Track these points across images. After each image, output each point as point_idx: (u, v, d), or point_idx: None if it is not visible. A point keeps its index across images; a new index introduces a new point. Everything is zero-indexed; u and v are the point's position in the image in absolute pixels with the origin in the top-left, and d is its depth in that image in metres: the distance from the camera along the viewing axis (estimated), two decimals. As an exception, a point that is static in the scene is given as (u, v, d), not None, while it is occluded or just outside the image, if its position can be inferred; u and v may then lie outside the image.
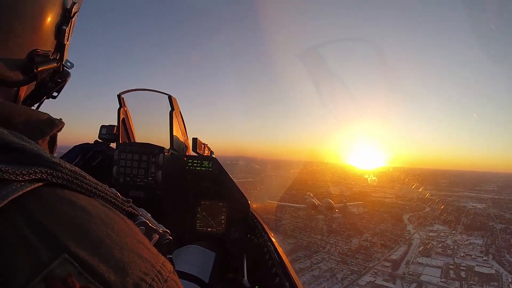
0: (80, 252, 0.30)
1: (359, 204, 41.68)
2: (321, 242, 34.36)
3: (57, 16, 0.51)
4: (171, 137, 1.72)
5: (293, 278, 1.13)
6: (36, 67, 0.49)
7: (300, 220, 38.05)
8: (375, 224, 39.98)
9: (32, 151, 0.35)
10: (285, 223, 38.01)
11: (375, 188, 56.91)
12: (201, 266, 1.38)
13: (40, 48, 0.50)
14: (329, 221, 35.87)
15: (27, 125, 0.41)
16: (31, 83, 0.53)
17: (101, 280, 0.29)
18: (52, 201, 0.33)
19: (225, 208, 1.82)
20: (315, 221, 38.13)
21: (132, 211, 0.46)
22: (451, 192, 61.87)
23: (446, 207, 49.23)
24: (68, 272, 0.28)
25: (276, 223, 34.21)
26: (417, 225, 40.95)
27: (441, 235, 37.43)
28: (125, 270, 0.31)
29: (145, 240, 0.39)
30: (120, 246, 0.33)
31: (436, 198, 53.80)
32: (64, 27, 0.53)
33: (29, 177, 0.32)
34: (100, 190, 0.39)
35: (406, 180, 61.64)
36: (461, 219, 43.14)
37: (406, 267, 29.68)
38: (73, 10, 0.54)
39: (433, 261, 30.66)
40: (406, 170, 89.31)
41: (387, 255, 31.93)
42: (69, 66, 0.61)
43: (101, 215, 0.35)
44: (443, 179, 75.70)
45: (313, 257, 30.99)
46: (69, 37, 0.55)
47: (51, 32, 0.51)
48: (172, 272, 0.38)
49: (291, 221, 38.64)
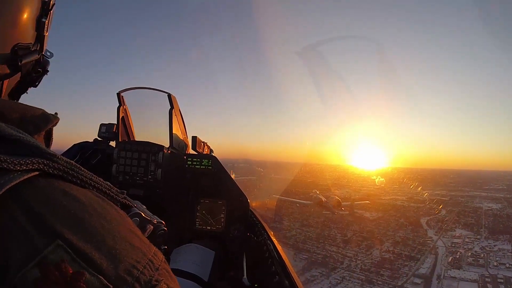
0: (74, 239, 0.30)
1: (366, 204, 38.50)
2: (338, 256, 29.63)
3: (36, 10, 0.53)
4: (170, 135, 1.73)
5: (292, 276, 1.13)
6: (20, 60, 0.51)
7: (312, 229, 33.47)
8: (393, 231, 35.82)
9: (29, 143, 0.36)
10: (295, 233, 33.19)
11: (383, 190, 53.16)
12: (200, 265, 1.37)
13: (22, 41, 0.51)
14: (339, 223, 31.74)
15: (22, 120, 0.42)
16: (16, 75, 0.54)
17: (93, 266, 0.30)
18: (48, 191, 0.34)
19: (225, 206, 1.80)
20: (328, 229, 33.72)
21: (126, 202, 0.47)
22: (461, 192, 58.67)
23: (462, 208, 45.89)
24: (61, 258, 0.29)
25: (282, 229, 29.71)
26: (438, 230, 37.21)
27: (466, 241, 33.77)
28: (117, 257, 0.32)
29: (137, 230, 0.40)
30: (112, 234, 0.34)
31: (448, 199, 50.84)
32: (44, 19, 0.55)
33: (26, 167, 0.33)
34: (95, 181, 0.40)
35: (413, 181, 58.57)
36: (482, 221, 39.79)
37: (439, 283, 25.51)
38: (51, 2, 0.56)
39: (466, 273, 26.81)
40: (410, 170, 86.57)
41: (415, 269, 27.72)
42: (49, 55, 0.62)
43: (94, 205, 0.36)
44: (449, 179, 73.11)
45: (331, 275, 26.15)
46: (48, 28, 0.57)
47: (31, 25, 0.53)
48: (163, 262, 0.38)
49: (301, 231, 33.84)
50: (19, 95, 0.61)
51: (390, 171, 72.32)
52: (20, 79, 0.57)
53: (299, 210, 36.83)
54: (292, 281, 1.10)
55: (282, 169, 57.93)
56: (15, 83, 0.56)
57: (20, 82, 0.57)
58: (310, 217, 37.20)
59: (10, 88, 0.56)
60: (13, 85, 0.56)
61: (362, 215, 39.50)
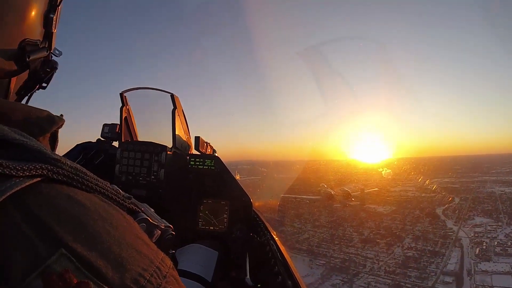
0: (78, 247, 0.29)
1: (378, 198, 37.42)
2: (358, 258, 27.12)
3: (44, 5, 0.51)
4: (173, 135, 1.72)
5: (295, 276, 1.13)
6: (28, 56, 0.49)
7: (325, 229, 30.98)
8: (411, 225, 33.58)
9: (33, 147, 0.34)
10: (307, 236, 30.63)
11: (391, 181, 51.22)
12: (204, 265, 1.37)
13: (30, 38, 0.49)
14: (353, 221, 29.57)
15: (26, 122, 0.41)
16: (23, 73, 0.52)
17: (98, 275, 0.29)
18: (51, 197, 0.33)
19: (228, 206, 1.79)
20: (342, 228, 31.31)
21: (133, 207, 0.46)
22: (470, 178, 56.99)
23: (475, 195, 44.05)
24: (65, 268, 0.28)
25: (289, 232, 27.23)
26: (457, 220, 35.18)
27: (488, 229, 31.73)
28: (123, 265, 0.31)
29: (144, 236, 0.39)
30: (118, 241, 0.33)
31: (459, 187, 49.15)
32: (52, 15, 0.53)
33: (29, 173, 0.32)
34: (100, 186, 0.39)
35: (419, 171, 56.93)
36: (499, 206, 37.87)
37: (471, 279, 23.21)
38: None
39: (497, 265, 24.66)
40: (414, 160, 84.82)
41: (442, 265, 25.44)
42: (57, 54, 0.60)
43: (100, 211, 0.34)
44: (456, 165, 71.62)
45: (354, 282, 23.62)
46: (56, 25, 0.55)
47: (39, 21, 0.51)
48: (171, 268, 0.37)
49: (314, 232, 31.31)
50: (26, 94, 0.58)
51: (394, 162, 70.86)
52: (27, 77, 0.54)
53: (309, 210, 34.76)
54: (295, 282, 1.11)
55: (285, 168, 56.17)
56: (22, 81, 0.54)
57: (27, 80, 0.54)
58: (321, 216, 34.96)
59: (18, 87, 0.54)
60: (21, 83, 0.54)
61: (375, 210, 37.48)
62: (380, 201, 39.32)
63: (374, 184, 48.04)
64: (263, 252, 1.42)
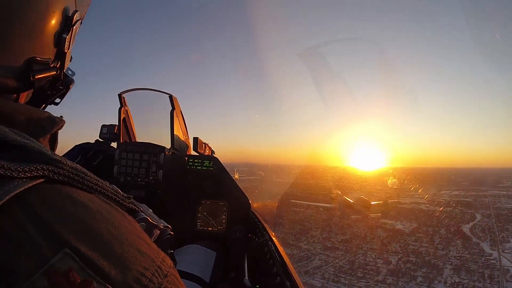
0: (81, 247, 0.30)
1: (393, 204, 34.38)
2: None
3: (57, 24, 0.49)
4: (172, 136, 1.73)
5: (293, 277, 1.14)
6: (33, 75, 0.47)
7: (340, 253, 23.38)
8: (443, 249, 26.90)
9: (34, 149, 0.35)
10: (319, 263, 22.83)
11: (398, 192, 45.16)
12: (202, 266, 1.37)
13: (39, 56, 0.48)
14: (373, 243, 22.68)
15: (28, 123, 0.41)
16: (28, 91, 0.50)
17: (101, 274, 0.30)
18: (53, 197, 0.33)
19: (226, 207, 1.81)
20: (361, 251, 23.93)
21: (132, 207, 0.47)
22: (479, 192, 52.23)
23: (496, 211, 38.73)
24: (69, 267, 0.28)
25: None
26: (492, 242, 29.10)
27: (533, 256, 25.53)
28: (125, 265, 0.32)
29: (145, 236, 0.40)
30: (120, 241, 0.33)
31: (472, 201, 44.03)
32: (65, 35, 0.51)
33: (31, 174, 0.32)
34: (101, 186, 0.39)
35: (423, 181, 51.88)
36: (529, 226, 32.19)
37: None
38: (75, 18, 0.51)
39: None
40: (410, 170, 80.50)
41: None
42: (71, 74, 0.59)
43: (101, 211, 0.35)
44: (457, 178, 67.58)
45: None
46: (70, 46, 0.53)
47: (50, 40, 0.49)
48: (172, 267, 0.38)
49: (327, 257, 23.58)
50: None
51: (389, 171, 65.71)
52: (31, 95, 0.52)
53: (315, 224, 27.57)
54: (293, 282, 1.11)
55: (283, 171, 49.72)
56: (29, 98, 0.52)
57: (32, 98, 0.53)
58: (331, 233, 27.73)
59: (26, 102, 0.52)
60: (27, 99, 0.52)
61: (394, 227, 30.71)
62: (396, 215, 32.97)
63: (381, 194, 42.10)
64: (261, 253, 1.44)
